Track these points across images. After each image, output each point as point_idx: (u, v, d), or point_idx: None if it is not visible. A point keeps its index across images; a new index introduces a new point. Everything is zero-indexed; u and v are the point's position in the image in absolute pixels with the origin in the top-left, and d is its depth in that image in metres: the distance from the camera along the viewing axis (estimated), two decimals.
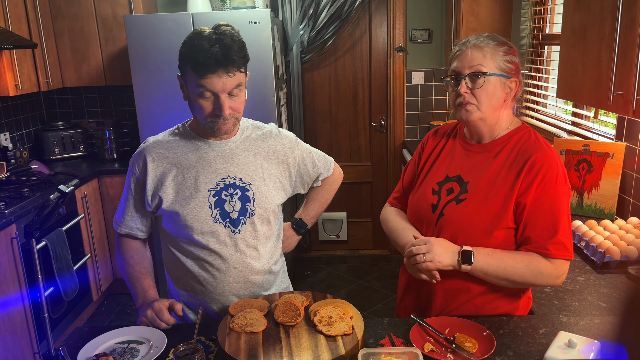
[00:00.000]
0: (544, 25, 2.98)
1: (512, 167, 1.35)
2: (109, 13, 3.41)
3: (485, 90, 1.33)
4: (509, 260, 1.30)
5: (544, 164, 1.31)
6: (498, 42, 1.35)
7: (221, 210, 1.44)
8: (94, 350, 1.31)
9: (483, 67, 1.32)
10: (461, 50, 1.36)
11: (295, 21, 3.65)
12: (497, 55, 1.33)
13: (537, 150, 1.34)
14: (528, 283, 1.33)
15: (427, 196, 1.45)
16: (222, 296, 1.50)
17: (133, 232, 1.53)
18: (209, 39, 1.31)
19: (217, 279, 1.49)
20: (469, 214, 1.35)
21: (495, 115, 1.38)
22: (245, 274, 1.50)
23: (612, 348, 0.64)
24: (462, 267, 1.30)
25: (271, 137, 1.55)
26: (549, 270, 1.30)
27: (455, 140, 1.49)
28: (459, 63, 1.35)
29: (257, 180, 1.48)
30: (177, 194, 1.43)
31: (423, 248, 1.32)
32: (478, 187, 1.37)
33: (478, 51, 1.33)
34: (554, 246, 1.30)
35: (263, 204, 1.48)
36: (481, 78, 1.32)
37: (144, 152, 1.47)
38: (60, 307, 2.81)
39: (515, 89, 1.37)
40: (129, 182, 1.51)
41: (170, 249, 1.52)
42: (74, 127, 3.76)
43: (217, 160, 1.46)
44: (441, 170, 1.46)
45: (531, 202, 1.31)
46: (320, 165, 1.67)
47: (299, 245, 4.10)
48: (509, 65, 1.34)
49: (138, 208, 1.51)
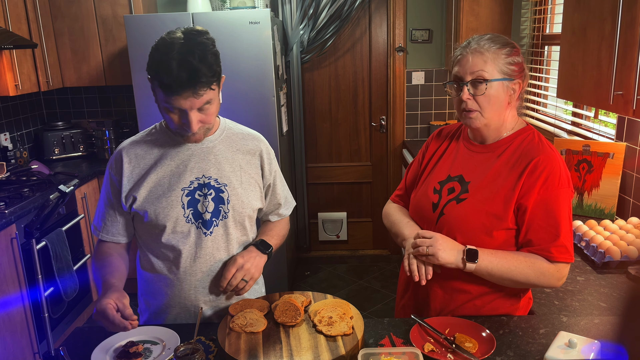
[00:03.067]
0: (544, 25, 2.98)
1: (514, 168, 1.34)
2: (109, 13, 3.41)
3: (488, 97, 1.32)
4: (512, 261, 1.30)
5: (546, 166, 1.30)
6: (500, 45, 1.33)
7: (194, 211, 1.40)
8: (106, 351, 1.29)
9: (485, 73, 1.31)
10: (462, 55, 1.34)
11: (295, 21, 3.64)
12: (498, 59, 1.31)
13: (540, 152, 1.33)
14: (531, 283, 1.32)
15: (429, 195, 1.45)
16: (188, 300, 1.45)
17: (115, 238, 1.47)
18: (177, 57, 1.22)
19: (183, 282, 1.44)
20: (468, 214, 1.35)
21: (500, 119, 1.37)
22: (214, 279, 1.45)
23: (612, 348, 0.64)
24: (467, 265, 1.29)
25: (251, 139, 1.51)
26: (551, 272, 1.30)
27: (458, 140, 1.48)
28: (461, 68, 1.34)
29: (234, 182, 1.44)
30: (150, 193, 1.39)
31: (427, 242, 1.31)
32: (479, 187, 1.37)
33: (479, 56, 1.31)
34: (557, 249, 1.29)
35: (237, 207, 1.44)
36: (483, 85, 1.31)
37: (120, 152, 1.44)
38: (60, 307, 2.80)
39: (519, 90, 1.36)
40: (107, 185, 1.46)
41: (142, 248, 1.47)
42: (74, 127, 3.75)
43: (192, 159, 1.42)
44: (443, 170, 1.46)
45: (533, 205, 1.30)
46: (287, 195, 1.61)
47: (299, 245, 4.14)
48: (511, 68, 1.33)
49: (118, 211, 1.45)
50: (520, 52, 1.37)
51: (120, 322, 1.20)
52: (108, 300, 1.23)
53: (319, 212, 4.19)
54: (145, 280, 1.50)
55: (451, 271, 1.35)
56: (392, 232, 1.53)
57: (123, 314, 1.22)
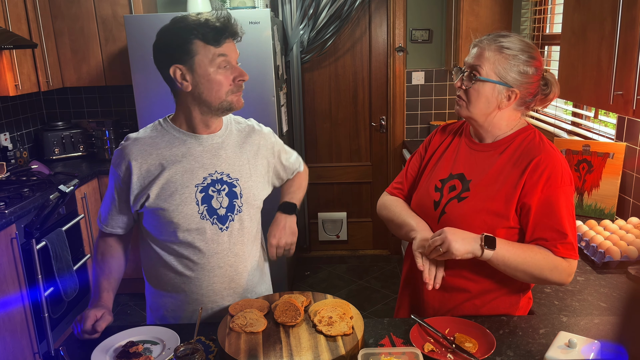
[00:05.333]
0: (544, 25, 2.98)
1: (515, 166, 1.34)
2: (109, 13, 3.41)
3: (476, 91, 1.33)
4: (528, 252, 1.29)
5: (548, 165, 1.31)
6: (516, 51, 1.30)
7: (208, 207, 1.41)
8: (106, 351, 1.29)
9: (481, 69, 1.31)
10: (475, 45, 1.36)
11: (295, 21, 3.65)
12: (505, 63, 1.30)
13: (541, 152, 1.33)
14: (543, 277, 1.30)
15: (430, 193, 1.44)
16: (205, 296, 1.46)
17: (114, 231, 1.49)
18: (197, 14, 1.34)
19: (201, 279, 1.45)
20: (469, 212, 1.35)
21: (488, 119, 1.37)
22: (230, 274, 1.46)
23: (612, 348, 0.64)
24: (485, 252, 1.27)
25: (254, 132, 1.54)
26: (564, 266, 1.30)
27: (461, 138, 1.48)
28: (468, 57, 1.36)
29: (244, 175, 1.46)
30: (162, 190, 1.38)
31: (438, 240, 1.29)
32: (480, 186, 1.37)
33: (483, 52, 1.32)
34: (564, 246, 1.29)
35: (250, 200, 1.46)
36: (472, 77, 1.33)
37: (125, 151, 1.42)
38: (60, 307, 2.80)
39: (515, 98, 1.33)
40: (113, 182, 1.46)
41: (153, 247, 1.47)
42: (74, 127, 3.75)
43: (204, 155, 1.42)
44: (445, 168, 1.46)
45: (537, 204, 1.30)
46: (294, 161, 1.68)
47: (298, 245, 4.14)
48: (514, 76, 1.31)
49: (120, 208, 1.45)
50: (542, 70, 1.34)
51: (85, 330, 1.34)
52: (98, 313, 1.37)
53: (319, 212, 4.19)
54: (158, 278, 1.50)
55: (452, 269, 1.35)
56: (394, 224, 1.50)
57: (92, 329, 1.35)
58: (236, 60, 1.36)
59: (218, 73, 1.33)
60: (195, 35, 1.31)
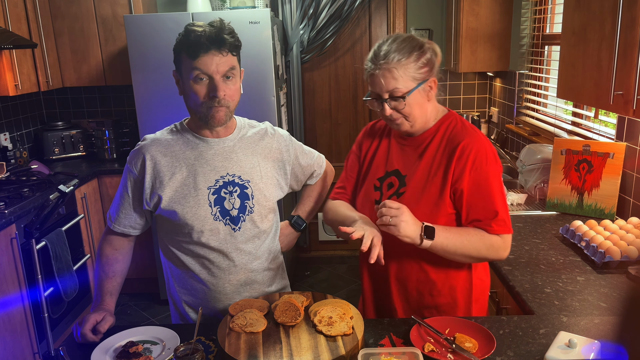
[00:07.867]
0: (544, 25, 2.98)
1: (444, 155, 1.40)
2: (108, 13, 3.41)
3: (410, 105, 1.37)
4: (465, 235, 1.36)
5: (472, 148, 1.37)
6: (407, 53, 1.34)
7: (221, 208, 1.45)
8: (106, 351, 1.29)
9: (399, 89, 1.34)
10: (373, 74, 1.36)
11: (295, 21, 3.64)
12: (409, 69, 1.34)
13: (465, 136, 1.39)
14: (481, 257, 1.39)
15: (370, 193, 1.49)
16: (223, 294, 1.50)
17: (126, 230, 1.51)
18: (201, 25, 1.36)
19: (218, 277, 1.49)
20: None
21: (425, 115, 1.42)
22: (246, 272, 1.51)
23: (612, 348, 0.64)
24: (424, 242, 1.31)
25: (267, 136, 1.56)
26: (499, 244, 1.38)
27: (390, 136, 1.52)
28: (377, 87, 1.37)
29: (255, 177, 1.49)
30: (175, 192, 1.43)
31: (393, 212, 1.29)
32: (415, 179, 1.42)
33: (389, 74, 1.33)
34: (497, 223, 1.37)
35: (262, 201, 1.49)
36: (401, 100, 1.35)
37: (142, 150, 1.46)
38: (60, 307, 2.80)
39: (436, 85, 1.40)
40: (126, 180, 1.49)
41: (170, 248, 1.51)
42: (73, 127, 3.75)
43: (216, 158, 1.46)
44: (380, 166, 1.50)
45: (468, 187, 1.37)
46: (313, 162, 1.69)
47: (298, 245, 4.14)
48: (422, 70, 1.36)
49: (134, 206, 1.49)
50: (427, 47, 1.38)
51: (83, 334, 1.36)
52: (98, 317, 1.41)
53: (319, 212, 4.19)
54: (176, 278, 1.54)
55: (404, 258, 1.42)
56: (338, 222, 1.49)
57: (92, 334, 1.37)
58: (221, 71, 1.35)
59: (193, 86, 1.36)
60: (181, 46, 1.37)
